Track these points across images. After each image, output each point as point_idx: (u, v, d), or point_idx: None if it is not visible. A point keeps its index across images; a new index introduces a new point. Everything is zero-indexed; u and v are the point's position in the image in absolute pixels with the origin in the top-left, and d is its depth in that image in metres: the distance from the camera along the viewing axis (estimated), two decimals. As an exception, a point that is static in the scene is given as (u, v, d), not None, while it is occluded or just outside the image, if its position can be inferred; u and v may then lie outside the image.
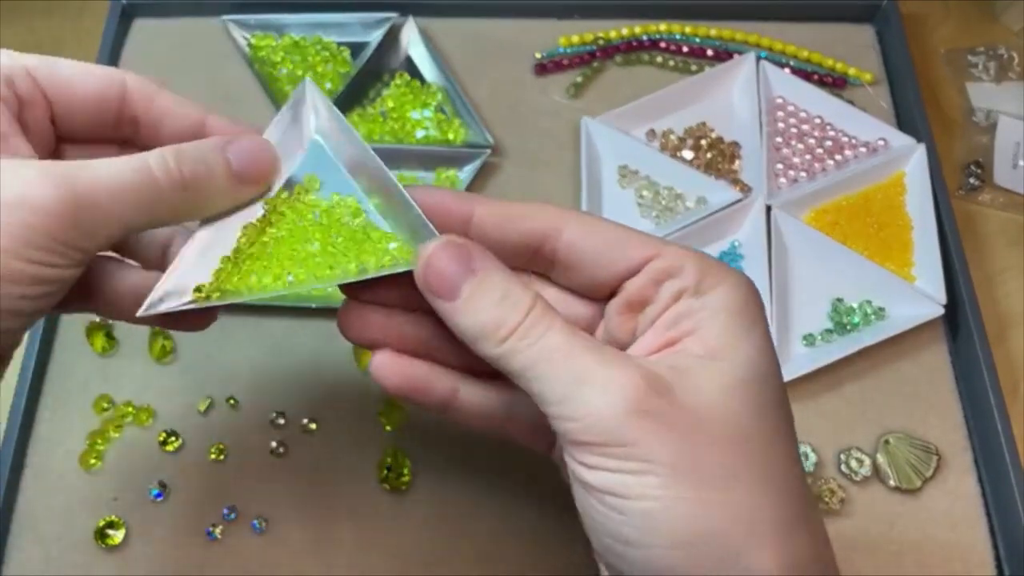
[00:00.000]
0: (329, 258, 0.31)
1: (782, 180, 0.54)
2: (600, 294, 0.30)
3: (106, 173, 0.28)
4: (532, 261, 0.30)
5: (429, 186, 0.31)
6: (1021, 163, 0.56)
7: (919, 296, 0.49)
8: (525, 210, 0.29)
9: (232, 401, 0.48)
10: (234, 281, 0.31)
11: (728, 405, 0.26)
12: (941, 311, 0.49)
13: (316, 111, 0.33)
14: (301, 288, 0.31)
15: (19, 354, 0.48)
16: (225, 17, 0.59)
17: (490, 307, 0.27)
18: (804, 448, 0.46)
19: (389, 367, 0.31)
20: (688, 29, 0.60)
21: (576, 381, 0.26)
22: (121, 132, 0.33)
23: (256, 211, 0.32)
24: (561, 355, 0.26)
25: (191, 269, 0.31)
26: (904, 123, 0.56)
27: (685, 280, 0.28)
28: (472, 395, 0.32)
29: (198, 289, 0.31)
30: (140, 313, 0.30)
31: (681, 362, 0.26)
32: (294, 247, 0.32)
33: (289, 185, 0.33)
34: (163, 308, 0.30)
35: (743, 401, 0.26)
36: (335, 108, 0.33)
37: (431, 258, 0.27)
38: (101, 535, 0.44)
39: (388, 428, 0.47)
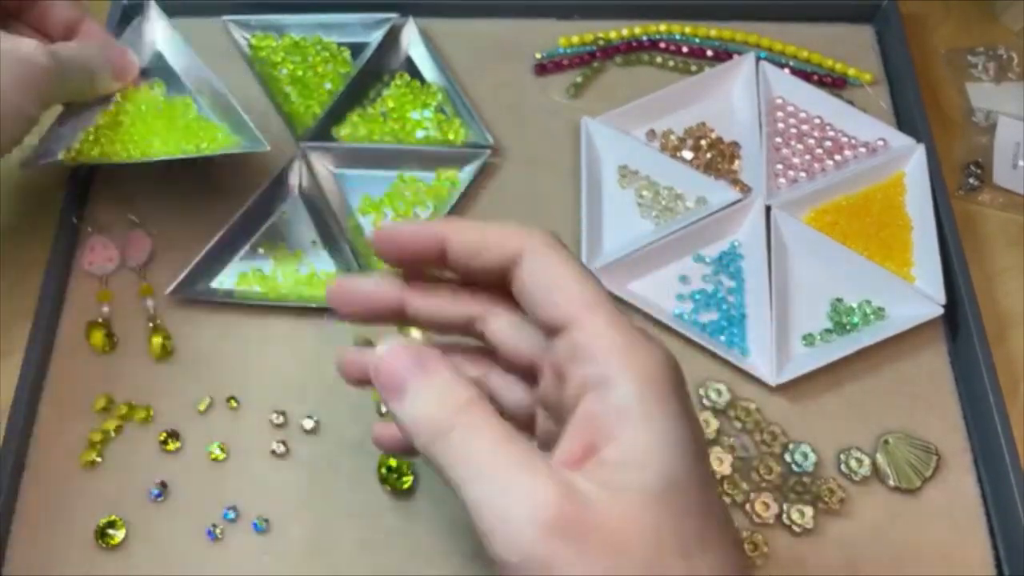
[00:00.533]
0: (170, 137, 0.47)
1: (782, 180, 0.54)
2: (549, 336, 0.29)
3: (67, 53, 0.44)
4: (503, 285, 0.30)
5: (400, 223, 0.32)
6: (1021, 163, 0.57)
7: (919, 296, 0.49)
8: (490, 239, 0.29)
9: (232, 401, 0.48)
10: (95, 149, 0.47)
11: (645, 518, 0.24)
12: (940, 311, 0.49)
13: (159, 29, 0.50)
14: (147, 158, 0.47)
15: (19, 353, 0.48)
16: (225, 17, 0.59)
17: (427, 405, 0.27)
18: (804, 447, 0.46)
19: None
20: (688, 29, 0.60)
21: (495, 493, 0.25)
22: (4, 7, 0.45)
23: (112, 100, 0.48)
24: (483, 462, 0.25)
25: (60, 138, 0.47)
26: (904, 123, 0.56)
27: (591, 366, 0.26)
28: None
29: (67, 151, 0.47)
30: (22, 167, 0.47)
31: (600, 475, 0.25)
32: (141, 129, 0.47)
33: (138, 83, 0.48)
34: (40, 163, 0.46)
35: (660, 512, 0.25)
36: (173, 26, 0.50)
37: (386, 356, 0.28)
38: (101, 535, 0.44)
39: (388, 428, 0.47)
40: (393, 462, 0.46)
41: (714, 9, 0.60)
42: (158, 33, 0.50)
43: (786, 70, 0.57)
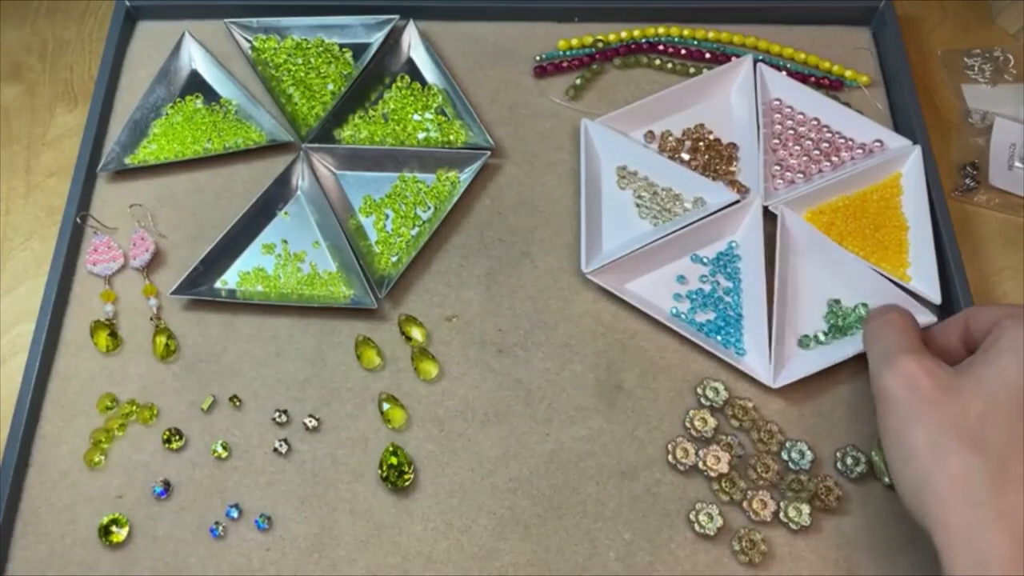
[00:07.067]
0: (215, 137, 0.56)
1: (779, 181, 0.54)
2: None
3: None
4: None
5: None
6: (1017, 164, 0.57)
7: (915, 297, 0.50)
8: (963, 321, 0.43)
9: (235, 400, 0.48)
10: (154, 152, 0.55)
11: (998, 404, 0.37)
12: (936, 311, 0.49)
13: (193, 54, 0.59)
14: (192, 153, 0.55)
15: (24, 353, 0.49)
16: (228, 20, 0.59)
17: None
18: (800, 446, 0.46)
19: None
20: (686, 32, 0.60)
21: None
22: None
23: (163, 112, 0.57)
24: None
25: (124, 145, 0.55)
26: (900, 125, 0.57)
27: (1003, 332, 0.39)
28: None
29: (132, 156, 0.55)
30: (100, 170, 0.54)
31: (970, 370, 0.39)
32: (191, 132, 0.56)
33: (183, 96, 0.58)
34: (111, 168, 0.55)
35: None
36: (205, 48, 0.58)
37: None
38: (105, 532, 0.45)
39: (390, 427, 0.48)
40: (394, 460, 0.46)
41: (712, 12, 0.60)
42: (195, 55, 0.58)
43: (783, 72, 0.58)
